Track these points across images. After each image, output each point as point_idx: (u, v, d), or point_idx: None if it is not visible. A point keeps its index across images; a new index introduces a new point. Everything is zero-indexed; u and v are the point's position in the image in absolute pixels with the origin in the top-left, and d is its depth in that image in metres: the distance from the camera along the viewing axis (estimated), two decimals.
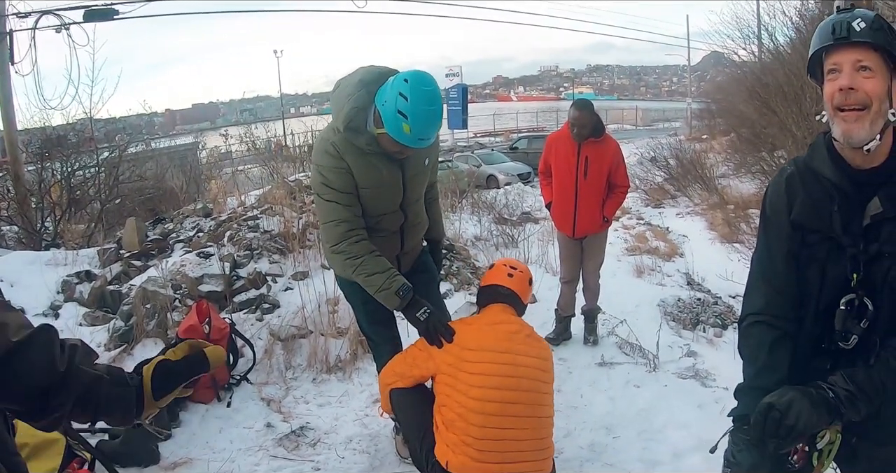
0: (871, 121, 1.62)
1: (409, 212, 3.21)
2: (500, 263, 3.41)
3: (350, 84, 2.94)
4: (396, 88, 2.70)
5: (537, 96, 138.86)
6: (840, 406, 1.58)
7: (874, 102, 1.61)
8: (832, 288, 1.72)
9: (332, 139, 2.96)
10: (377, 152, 2.93)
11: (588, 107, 5.12)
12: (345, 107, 2.89)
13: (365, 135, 2.89)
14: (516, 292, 3.25)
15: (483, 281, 3.35)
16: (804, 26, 12.29)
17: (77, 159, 9.92)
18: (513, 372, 2.86)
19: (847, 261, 1.69)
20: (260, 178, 10.90)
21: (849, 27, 1.62)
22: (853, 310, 1.68)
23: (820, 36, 1.69)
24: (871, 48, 1.62)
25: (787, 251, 1.81)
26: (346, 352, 4.96)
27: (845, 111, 1.64)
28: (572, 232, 5.27)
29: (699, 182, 13.26)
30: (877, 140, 1.63)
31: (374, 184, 3.01)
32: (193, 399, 4.33)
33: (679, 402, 4.39)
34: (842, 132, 1.65)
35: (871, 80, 1.61)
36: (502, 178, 20.71)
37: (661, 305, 6.42)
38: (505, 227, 9.44)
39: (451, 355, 2.91)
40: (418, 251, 3.51)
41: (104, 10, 11.95)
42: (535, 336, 3.14)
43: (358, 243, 3.00)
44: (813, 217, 1.75)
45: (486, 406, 2.80)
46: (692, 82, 42.99)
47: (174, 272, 5.52)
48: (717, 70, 28.36)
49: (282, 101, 66.93)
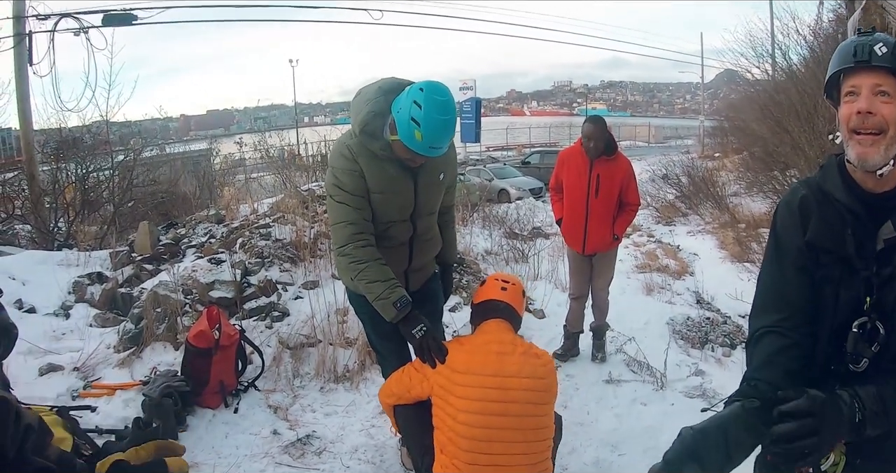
0: (886, 146, 1.61)
1: (418, 224, 3.21)
2: (491, 278, 3.34)
3: (370, 91, 2.99)
4: (411, 96, 2.74)
5: (550, 111, 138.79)
6: (864, 428, 1.52)
7: (891, 128, 1.60)
8: (845, 310, 1.70)
9: (348, 142, 3.00)
10: (390, 158, 2.96)
11: (601, 122, 5.17)
12: (362, 112, 2.93)
13: (380, 141, 2.93)
14: (512, 305, 3.19)
15: (476, 298, 3.27)
16: (818, 45, 12.27)
17: (92, 161, 10.01)
18: (501, 397, 2.80)
19: (860, 284, 1.68)
20: (273, 187, 10.94)
21: (870, 51, 1.62)
22: (865, 334, 1.66)
23: (840, 57, 1.68)
24: (891, 73, 1.61)
25: (800, 271, 1.79)
26: (354, 362, 4.97)
27: (861, 134, 1.63)
28: (582, 248, 5.27)
29: (711, 200, 13.23)
30: (890, 164, 1.62)
31: (384, 190, 3.03)
32: (201, 404, 4.36)
33: (685, 421, 4.32)
34: (857, 155, 1.64)
35: (888, 105, 1.60)
36: (514, 193, 20.74)
37: (670, 323, 6.40)
38: (515, 242, 9.44)
39: (443, 377, 2.89)
40: (429, 272, 3.50)
41: (123, 15, 12.09)
42: (532, 352, 3.01)
43: (364, 248, 3.01)
44: (827, 238, 1.73)
45: (473, 431, 2.78)
46: (705, 100, 42.94)
47: (185, 277, 5.54)
48: (731, 88, 28.28)
49: (296, 110, 67.34)
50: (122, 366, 4.70)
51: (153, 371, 4.57)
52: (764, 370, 1.72)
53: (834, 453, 1.65)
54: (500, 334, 3.03)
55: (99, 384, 4.47)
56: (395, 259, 3.21)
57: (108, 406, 4.17)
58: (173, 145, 14.74)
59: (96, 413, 4.05)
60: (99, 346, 4.87)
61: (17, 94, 10.46)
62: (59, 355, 4.80)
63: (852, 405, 1.51)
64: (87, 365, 4.64)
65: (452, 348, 2.96)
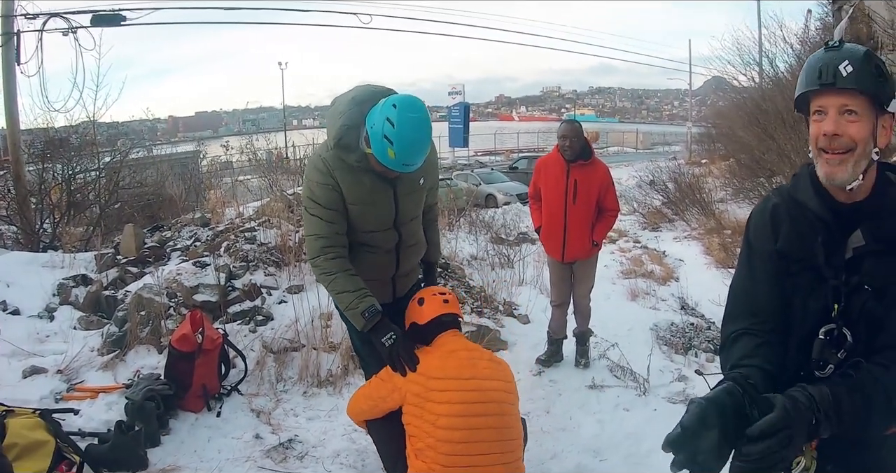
0: (854, 163, 1.64)
1: (403, 231, 3.20)
2: (428, 295, 3.24)
3: (343, 102, 2.97)
4: (385, 113, 2.72)
5: (539, 116, 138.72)
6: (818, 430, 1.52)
7: (858, 145, 1.64)
8: (813, 317, 1.73)
9: (324, 155, 2.99)
10: (368, 169, 2.96)
11: (576, 123, 5.23)
12: (336, 124, 2.92)
13: (356, 153, 2.91)
14: (457, 314, 3.24)
15: (420, 319, 3.16)
16: (805, 53, 12.40)
17: (78, 162, 9.94)
18: (480, 398, 2.88)
19: (829, 292, 1.71)
20: (259, 190, 10.93)
21: (835, 72, 1.64)
22: (832, 340, 1.69)
23: (806, 77, 1.71)
24: (858, 92, 1.63)
25: (772, 279, 1.82)
26: (337, 367, 4.98)
27: (829, 154, 1.66)
28: (562, 256, 5.28)
29: (697, 206, 13.31)
30: (859, 179, 1.66)
31: (362, 201, 3.02)
32: (184, 408, 4.36)
33: (668, 427, 4.32)
34: (825, 174, 1.68)
35: (855, 124, 1.63)
36: (501, 198, 20.77)
37: (654, 329, 6.43)
38: (501, 247, 9.46)
39: (418, 385, 2.89)
40: (416, 276, 3.52)
41: (112, 16, 12.04)
42: (496, 359, 3.19)
43: (333, 260, 3.03)
44: (797, 247, 1.77)
45: (453, 434, 2.80)
46: (693, 106, 43.17)
47: (170, 280, 5.54)
48: (718, 95, 28.49)
49: (284, 113, 67.17)
50: (105, 369, 4.69)
51: (136, 374, 4.56)
52: (740, 368, 1.71)
53: (805, 458, 1.67)
54: (461, 342, 3.12)
55: (82, 387, 4.47)
56: (382, 265, 3.24)
57: (91, 409, 4.16)
58: (161, 147, 14.66)
59: (79, 416, 4.04)
60: (83, 349, 4.86)
61: (4, 94, 10.38)
62: (42, 357, 4.79)
63: (810, 407, 1.51)
64: (71, 367, 4.63)
65: (421, 357, 2.98)
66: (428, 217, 3.50)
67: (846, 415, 1.54)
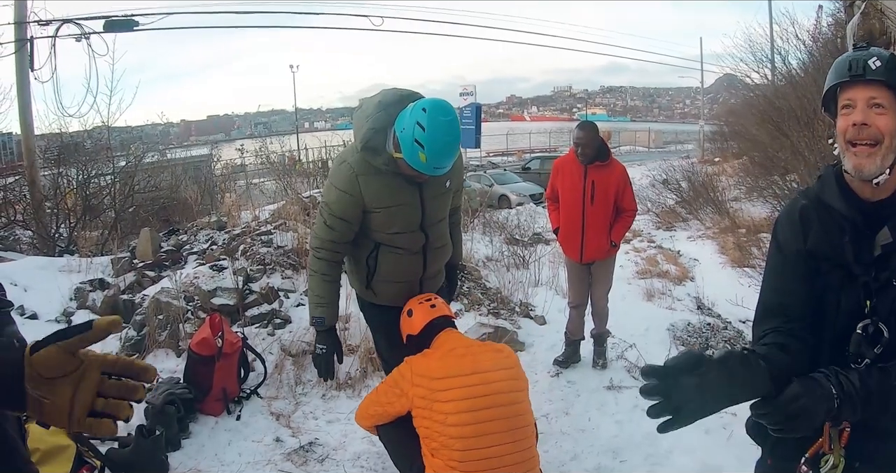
0: (882, 157, 1.66)
1: (430, 233, 3.22)
2: (415, 305, 3.25)
3: (370, 105, 2.99)
4: (415, 117, 2.73)
5: (550, 116, 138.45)
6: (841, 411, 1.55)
7: (886, 138, 1.65)
8: (846, 315, 1.74)
9: (349, 160, 3.02)
10: (395, 172, 2.97)
11: (591, 128, 5.16)
12: (363, 128, 2.94)
13: (383, 156, 2.93)
14: (447, 315, 3.26)
15: (413, 329, 3.21)
16: (817, 50, 12.32)
17: (93, 167, 10.02)
18: (485, 391, 2.90)
19: (860, 290, 1.72)
20: (274, 193, 10.95)
21: (864, 65, 1.66)
22: (868, 336, 1.70)
23: (836, 71, 1.73)
24: (885, 86, 1.65)
25: (802, 279, 1.83)
26: (356, 370, 4.98)
27: (857, 146, 1.68)
28: (580, 257, 5.26)
29: (711, 205, 13.23)
30: (886, 174, 1.67)
31: (389, 204, 3.04)
32: (204, 412, 4.38)
33: (686, 427, 4.37)
34: (853, 166, 1.69)
35: (883, 117, 1.65)
36: (514, 199, 20.67)
37: (671, 329, 6.40)
38: (516, 248, 9.43)
39: (423, 388, 2.91)
40: (441, 278, 3.52)
41: (124, 21, 12.14)
42: (497, 347, 3.21)
43: (319, 260, 3.17)
44: (827, 246, 1.77)
45: (463, 430, 2.83)
46: (705, 104, 42.92)
47: (187, 284, 5.56)
48: (730, 93, 28.31)
49: (296, 116, 67.41)
50: None
51: (156, 378, 4.57)
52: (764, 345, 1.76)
53: (833, 456, 1.69)
54: (458, 340, 3.14)
55: None
56: (410, 267, 3.26)
57: None
58: (174, 151, 14.73)
59: None
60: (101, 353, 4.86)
61: (18, 100, 10.48)
62: None
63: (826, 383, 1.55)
64: None
65: (419, 361, 3.01)
66: (452, 219, 3.53)
67: (874, 398, 1.56)
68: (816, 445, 1.72)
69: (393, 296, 3.33)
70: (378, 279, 3.27)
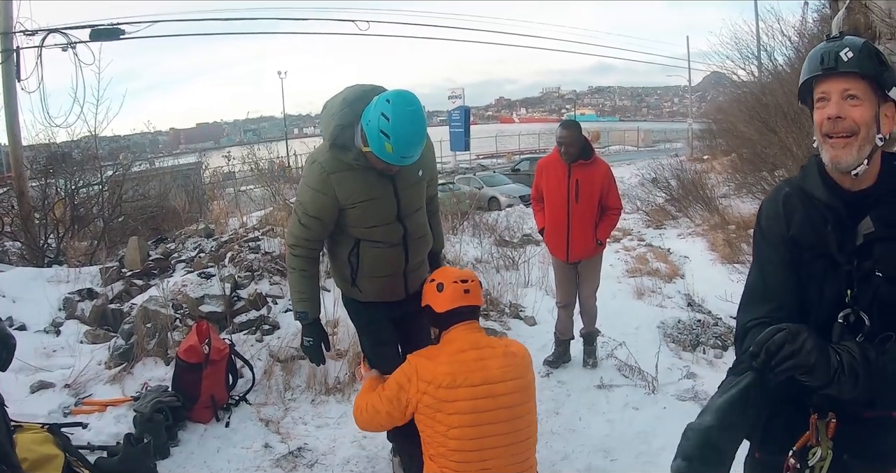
0: (858, 148, 1.67)
1: (408, 223, 3.22)
2: (448, 282, 3.02)
3: (335, 104, 3.03)
4: (379, 108, 2.77)
5: (539, 118, 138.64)
6: (839, 373, 1.56)
7: (861, 129, 1.66)
8: (829, 304, 1.75)
9: (320, 158, 3.04)
10: (366, 166, 2.99)
11: (574, 126, 5.17)
12: (330, 126, 2.97)
13: (353, 151, 2.96)
14: (476, 305, 3.09)
15: (437, 306, 3.01)
16: (803, 46, 12.36)
17: (81, 177, 9.96)
18: (491, 406, 2.80)
19: (842, 278, 1.73)
20: (262, 199, 10.95)
21: (836, 57, 1.67)
22: (849, 325, 1.71)
23: (809, 65, 1.74)
24: (859, 77, 1.66)
25: (786, 265, 1.84)
26: (345, 374, 4.98)
27: (834, 138, 1.69)
28: (566, 256, 5.27)
29: (700, 202, 13.24)
30: (864, 164, 1.68)
31: (363, 199, 3.05)
32: (192, 419, 4.36)
33: (678, 424, 4.31)
34: (830, 158, 1.70)
35: (858, 108, 1.66)
36: (504, 200, 20.67)
37: (661, 327, 6.42)
38: (506, 249, 9.44)
39: (428, 396, 2.80)
40: (426, 271, 3.48)
41: (110, 30, 12.07)
42: (510, 350, 2.98)
43: (296, 257, 3.23)
44: (810, 235, 1.79)
45: (464, 443, 2.77)
46: (693, 103, 43.01)
47: (175, 292, 5.54)
48: (718, 90, 28.39)
49: (285, 122, 67.51)
50: (113, 382, 4.69)
51: (144, 386, 4.56)
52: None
53: (821, 448, 1.70)
54: (471, 338, 2.96)
55: (90, 400, 4.47)
56: (391, 260, 3.26)
57: (100, 422, 4.17)
58: (163, 159, 14.69)
59: (88, 430, 4.06)
60: (90, 363, 4.86)
61: (5, 110, 10.39)
62: (50, 372, 4.78)
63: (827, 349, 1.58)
64: (79, 381, 4.64)
65: (425, 365, 2.87)
66: (430, 208, 3.52)
67: (873, 371, 1.57)
68: (804, 438, 1.72)
69: (378, 292, 3.34)
70: (362, 275, 3.27)
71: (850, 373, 1.56)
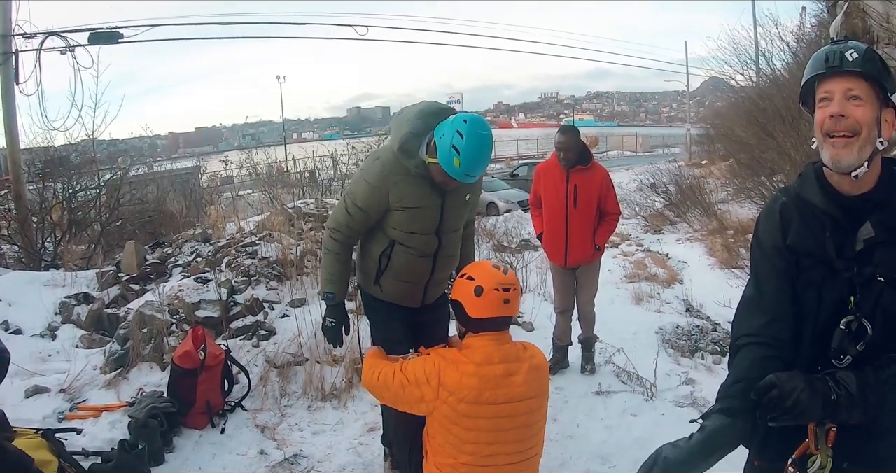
0: (859, 148, 1.66)
1: (444, 239, 3.32)
2: (489, 287, 2.76)
3: (411, 112, 3.18)
4: (455, 126, 2.91)
5: (538, 123, 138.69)
6: (838, 409, 1.58)
7: (863, 129, 1.65)
8: (829, 311, 1.74)
9: (384, 157, 3.17)
10: (423, 176, 3.10)
11: (573, 132, 5.18)
12: (402, 130, 3.11)
13: (416, 160, 3.08)
14: (511, 317, 2.93)
15: (472, 311, 2.79)
16: (801, 51, 12.37)
17: (79, 180, 9.95)
18: (511, 424, 2.72)
19: (843, 285, 1.72)
20: (260, 204, 10.93)
21: (842, 57, 1.67)
22: (851, 332, 1.69)
23: (813, 64, 1.74)
24: (862, 78, 1.66)
25: (781, 278, 1.83)
26: (341, 380, 4.95)
27: (835, 137, 1.68)
28: (564, 261, 5.28)
29: (698, 207, 13.26)
30: (865, 166, 1.67)
31: (412, 206, 3.16)
32: (187, 425, 4.34)
33: (676, 431, 4.29)
34: (830, 157, 1.69)
35: (860, 108, 1.66)
36: (502, 206, 20.62)
37: (660, 332, 6.41)
38: (504, 255, 9.43)
39: (448, 406, 2.69)
40: (445, 287, 3.56)
41: (109, 34, 12.06)
42: (534, 364, 2.83)
43: (334, 241, 3.34)
44: (808, 242, 1.78)
45: (477, 459, 2.72)
46: (691, 108, 43.13)
47: (172, 297, 5.52)
48: (716, 95, 28.43)
49: (284, 127, 67.63)
50: (108, 387, 4.67)
51: (139, 392, 4.54)
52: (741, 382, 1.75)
53: (820, 456, 1.69)
54: (502, 350, 2.78)
55: (85, 406, 4.45)
56: (418, 268, 3.34)
57: (95, 427, 4.15)
58: (161, 163, 14.66)
59: (82, 436, 4.03)
60: (85, 367, 4.84)
61: (3, 113, 10.37)
62: (45, 377, 4.78)
63: (825, 381, 1.61)
64: (74, 386, 4.62)
65: (450, 373, 2.71)
66: (466, 231, 3.65)
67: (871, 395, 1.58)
68: (803, 446, 1.72)
69: (396, 295, 3.41)
70: (388, 275, 3.36)
71: (848, 406, 1.58)
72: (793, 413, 1.58)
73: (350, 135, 65.21)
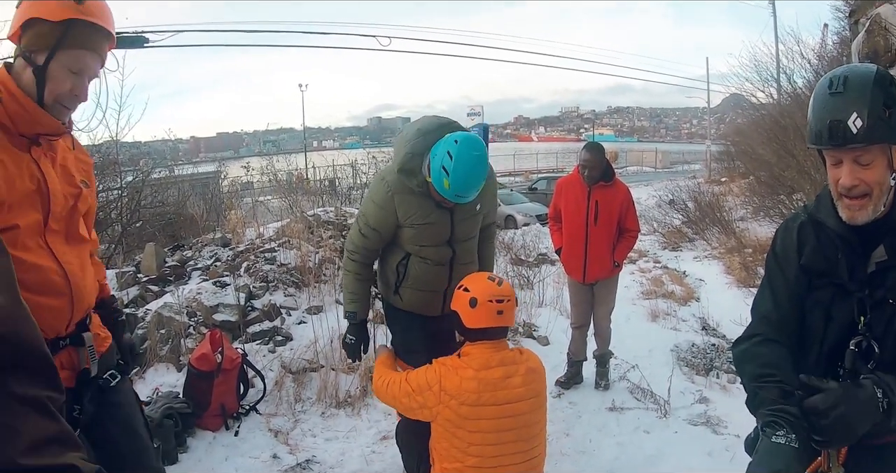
0: (873, 205, 1.69)
1: (458, 248, 3.34)
2: (483, 299, 2.88)
3: (411, 131, 3.22)
4: (446, 146, 2.92)
5: (558, 137, 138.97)
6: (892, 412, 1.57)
7: (875, 188, 1.68)
8: (837, 331, 1.77)
9: (388, 178, 3.21)
10: (427, 194, 3.13)
11: (598, 150, 5.19)
12: (402, 151, 3.15)
13: (418, 178, 3.11)
14: (507, 327, 3.03)
15: (467, 321, 2.92)
16: (822, 69, 12.30)
17: (101, 181, 10.03)
18: (513, 424, 2.83)
19: (853, 306, 1.74)
20: (279, 210, 10.98)
21: (845, 130, 1.64)
22: (861, 352, 1.71)
23: (817, 131, 1.72)
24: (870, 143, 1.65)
25: (792, 293, 1.87)
26: (356, 388, 4.96)
27: (849, 200, 1.71)
28: (583, 277, 5.27)
29: (717, 225, 13.15)
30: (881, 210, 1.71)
31: (420, 223, 3.19)
32: (202, 427, 4.37)
33: (688, 449, 4.34)
34: (847, 217, 1.73)
35: (871, 171, 1.67)
36: (521, 219, 20.53)
37: (675, 350, 6.36)
38: (521, 268, 9.41)
39: (450, 411, 2.81)
40: None
41: (134, 38, 12.23)
42: (531, 366, 2.96)
43: (353, 262, 3.41)
44: (821, 263, 1.81)
45: (484, 460, 2.80)
46: (712, 124, 42.86)
47: (190, 299, 5.56)
48: (737, 112, 28.29)
49: (304, 134, 67.78)
50: None
51: (155, 391, 4.57)
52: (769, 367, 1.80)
53: (833, 468, 1.69)
54: (499, 355, 2.90)
55: None
56: (435, 278, 3.36)
57: None
58: (182, 167, 14.77)
59: None
60: None
61: None
62: None
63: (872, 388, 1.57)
64: None
65: (451, 378, 2.83)
66: (485, 233, 3.66)
67: None
68: (815, 463, 1.72)
69: (417, 304, 3.44)
70: (406, 285, 3.39)
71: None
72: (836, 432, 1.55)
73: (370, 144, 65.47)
